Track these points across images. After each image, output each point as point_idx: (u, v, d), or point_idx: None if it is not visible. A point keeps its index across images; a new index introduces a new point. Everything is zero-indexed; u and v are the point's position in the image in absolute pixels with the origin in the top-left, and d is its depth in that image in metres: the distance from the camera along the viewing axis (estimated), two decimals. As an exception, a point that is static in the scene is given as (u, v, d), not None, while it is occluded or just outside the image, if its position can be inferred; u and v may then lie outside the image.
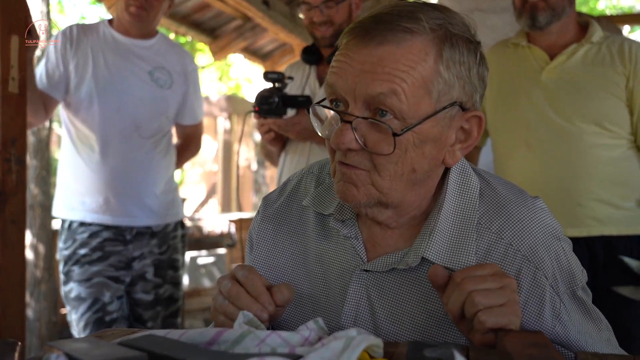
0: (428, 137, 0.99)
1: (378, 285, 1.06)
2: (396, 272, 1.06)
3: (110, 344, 0.83)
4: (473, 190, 1.07)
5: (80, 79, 2.54)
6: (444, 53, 0.98)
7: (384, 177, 1.00)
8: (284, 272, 1.16)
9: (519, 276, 1.01)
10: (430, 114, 0.97)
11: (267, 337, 0.84)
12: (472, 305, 0.89)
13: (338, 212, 1.11)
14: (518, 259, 1.02)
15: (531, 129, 2.21)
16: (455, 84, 0.99)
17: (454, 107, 1.00)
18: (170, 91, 2.69)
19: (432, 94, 0.97)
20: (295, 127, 2.34)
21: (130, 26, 2.62)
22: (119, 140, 2.56)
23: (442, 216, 1.04)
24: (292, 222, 1.19)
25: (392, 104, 0.95)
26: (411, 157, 0.99)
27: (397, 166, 0.99)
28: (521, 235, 1.03)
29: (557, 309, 1.03)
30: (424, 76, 0.96)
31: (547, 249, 1.03)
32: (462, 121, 1.02)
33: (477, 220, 1.05)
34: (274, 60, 7.38)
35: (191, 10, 5.60)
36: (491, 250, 1.03)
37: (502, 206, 1.06)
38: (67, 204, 2.61)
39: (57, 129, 8.32)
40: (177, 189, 2.83)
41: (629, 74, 2.14)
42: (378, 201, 1.02)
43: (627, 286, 2.08)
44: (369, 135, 0.98)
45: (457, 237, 1.04)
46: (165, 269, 2.71)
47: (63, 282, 2.59)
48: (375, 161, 0.99)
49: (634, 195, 2.15)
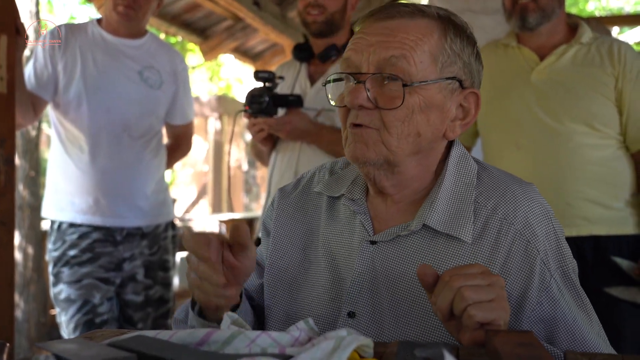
0: (432, 102, 1.09)
1: (382, 255, 1.13)
2: (399, 241, 1.12)
3: (99, 345, 0.82)
4: (471, 172, 1.16)
5: (69, 79, 2.52)
6: (447, 35, 1.10)
7: (393, 134, 1.08)
8: (298, 256, 1.23)
9: (511, 249, 1.08)
10: (435, 79, 1.08)
11: (257, 337, 0.84)
12: (461, 300, 0.90)
13: (348, 192, 1.20)
14: (511, 233, 1.09)
15: (521, 129, 2.22)
16: (457, 61, 1.11)
17: (455, 81, 1.11)
18: (160, 91, 2.68)
19: (437, 64, 1.09)
20: (286, 127, 2.34)
21: (119, 26, 2.60)
22: (108, 141, 2.54)
23: (442, 191, 1.12)
24: (306, 210, 1.26)
25: (402, 67, 1.06)
26: (417, 121, 1.08)
27: (405, 125, 1.08)
28: (515, 212, 1.10)
29: (547, 282, 1.08)
30: (430, 47, 1.08)
31: (540, 226, 1.10)
32: (461, 98, 1.13)
33: (475, 198, 1.12)
34: (264, 60, 7.37)
35: (181, 10, 5.59)
36: (487, 225, 1.10)
37: (497, 186, 1.14)
38: (57, 205, 2.60)
39: (46, 129, 8.28)
40: (167, 189, 2.82)
41: (618, 75, 2.15)
42: (386, 159, 1.10)
43: (617, 286, 2.10)
44: (380, 94, 1.08)
45: (455, 209, 1.11)
46: (156, 270, 2.70)
47: (52, 284, 2.58)
48: (385, 119, 1.08)
49: (623, 195, 2.17)
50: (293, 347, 0.85)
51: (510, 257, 1.07)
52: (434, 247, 1.10)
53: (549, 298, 1.07)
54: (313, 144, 2.39)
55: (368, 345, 0.83)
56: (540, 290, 1.07)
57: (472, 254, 1.09)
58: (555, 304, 1.07)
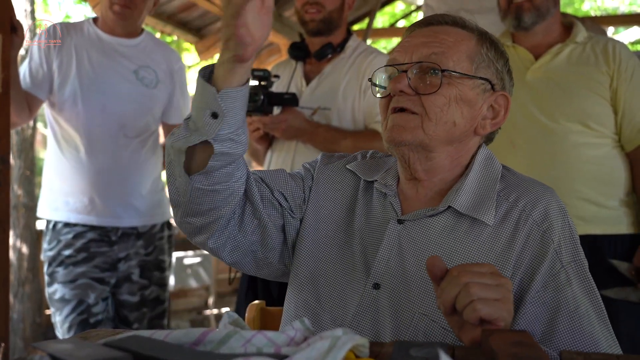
0: (466, 97, 1.19)
1: (409, 234, 1.20)
2: (425, 221, 1.20)
3: (94, 345, 0.82)
4: (496, 170, 1.25)
5: (64, 78, 2.52)
6: (484, 44, 1.22)
7: (432, 119, 1.17)
8: (333, 224, 1.29)
9: (529, 237, 1.14)
10: (471, 76, 1.19)
11: (252, 337, 0.84)
12: (466, 295, 0.91)
13: (382, 179, 1.28)
14: (529, 223, 1.16)
15: (516, 128, 2.22)
16: (490, 66, 1.22)
17: (487, 83, 1.21)
18: (156, 90, 2.67)
19: (473, 63, 1.19)
20: (281, 125, 2.34)
21: (115, 25, 2.59)
22: (104, 140, 2.54)
23: (468, 181, 1.21)
24: (344, 185, 1.33)
25: (441, 62, 1.17)
26: (453, 111, 1.18)
27: (443, 112, 1.17)
28: (534, 205, 1.18)
29: (556, 270, 1.13)
30: (467, 49, 1.20)
31: (557, 220, 1.17)
32: (492, 99, 1.23)
33: (497, 192, 1.20)
34: (260, 59, 7.36)
35: (177, 9, 5.57)
36: (508, 214, 1.17)
37: (520, 184, 1.23)
38: (52, 205, 2.59)
39: (41, 128, 8.25)
40: (163, 189, 2.81)
41: (613, 74, 2.16)
42: (421, 143, 1.18)
43: (612, 288, 2.10)
44: (420, 83, 1.17)
45: (480, 196, 1.19)
46: (152, 270, 2.69)
47: (47, 284, 2.57)
48: (425, 104, 1.17)
49: (618, 194, 2.17)
50: (289, 346, 0.85)
51: (527, 245, 1.14)
52: (458, 228, 1.17)
53: (555, 284, 1.12)
54: (308, 143, 2.39)
55: (364, 345, 0.83)
56: (548, 275, 1.12)
57: (493, 236, 1.15)
58: (560, 291, 1.11)
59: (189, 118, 1.13)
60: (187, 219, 1.21)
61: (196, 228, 1.22)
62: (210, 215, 1.19)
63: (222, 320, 0.95)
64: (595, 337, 1.10)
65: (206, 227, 1.22)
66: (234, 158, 1.14)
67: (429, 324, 1.12)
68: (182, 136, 1.12)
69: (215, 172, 1.14)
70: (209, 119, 1.08)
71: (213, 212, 1.19)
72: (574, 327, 1.10)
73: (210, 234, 1.22)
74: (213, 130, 1.08)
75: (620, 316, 2.09)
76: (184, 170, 1.14)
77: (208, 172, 1.13)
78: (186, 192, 1.16)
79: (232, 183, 1.17)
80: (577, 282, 1.13)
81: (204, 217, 1.20)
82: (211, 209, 1.18)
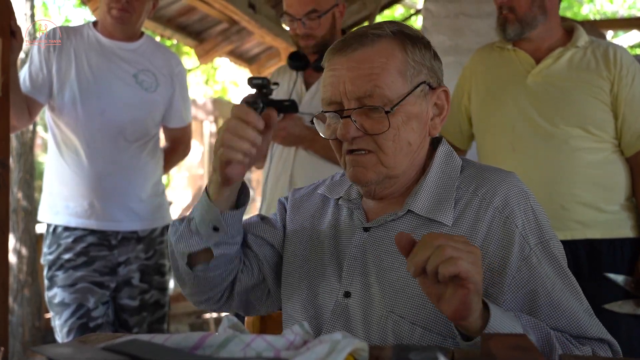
0: (412, 114, 1.20)
1: (373, 240, 1.24)
2: (387, 226, 1.24)
3: (93, 349, 0.82)
4: (456, 167, 1.27)
5: (63, 81, 2.52)
6: (407, 49, 1.20)
7: (388, 153, 1.19)
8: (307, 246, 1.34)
9: (491, 225, 1.17)
10: (409, 92, 1.19)
11: (252, 340, 0.84)
12: (440, 255, 0.93)
13: (346, 194, 1.34)
14: (490, 211, 1.18)
15: (516, 132, 2.22)
16: (422, 70, 1.22)
17: (424, 85, 1.22)
18: (156, 94, 2.67)
19: (406, 78, 1.19)
20: (281, 133, 2.34)
21: (114, 29, 2.60)
22: (103, 144, 2.53)
23: (426, 182, 1.24)
24: (314, 208, 1.39)
25: (379, 94, 1.17)
26: (405, 133, 1.20)
27: (396, 142, 1.19)
28: (494, 192, 1.20)
29: (526, 253, 1.15)
30: (396, 66, 1.19)
31: (518, 204, 1.18)
32: (434, 97, 1.24)
33: (457, 185, 1.23)
34: (260, 63, 7.38)
35: (177, 13, 5.59)
36: (467, 206, 1.20)
37: (479, 174, 1.25)
38: (52, 209, 2.59)
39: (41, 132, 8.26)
40: (164, 193, 2.81)
41: (614, 79, 2.16)
42: (386, 176, 1.22)
43: (615, 302, 2.10)
44: (366, 122, 1.18)
45: (438, 196, 1.22)
46: (152, 275, 2.69)
47: (47, 287, 2.57)
48: (378, 142, 1.19)
49: (617, 198, 2.17)
50: (288, 350, 0.85)
51: (490, 233, 1.16)
52: (418, 230, 1.20)
53: (528, 266, 1.14)
54: (308, 149, 2.39)
55: (363, 349, 0.83)
56: (519, 259, 1.14)
57: (454, 232, 1.17)
58: (534, 271, 1.14)
59: (191, 219, 1.26)
60: (194, 297, 1.36)
61: (205, 300, 1.36)
62: (215, 290, 1.33)
63: (222, 324, 0.95)
64: (576, 315, 1.13)
65: (212, 298, 1.36)
66: (231, 254, 1.29)
67: (396, 321, 1.15)
68: (184, 238, 1.26)
69: (215, 262, 1.27)
70: (211, 231, 1.23)
71: (217, 287, 1.33)
72: (554, 306, 1.13)
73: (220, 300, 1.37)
74: (213, 239, 1.24)
75: (620, 321, 2.09)
76: (186, 265, 1.28)
77: (208, 264, 1.27)
78: (189, 279, 1.30)
79: (230, 264, 1.31)
80: (547, 262, 1.15)
81: (209, 292, 1.34)
82: (214, 286, 1.32)
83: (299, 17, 2.37)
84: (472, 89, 2.40)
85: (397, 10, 11.41)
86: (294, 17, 2.38)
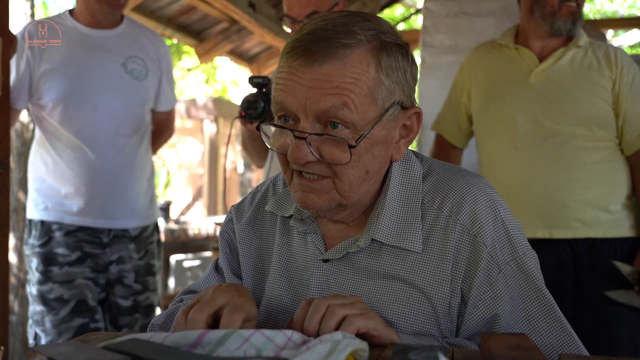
0: (377, 140, 1.06)
1: (336, 273, 1.13)
2: (350, 257, 1.12)
3: (94, 348, 0.82)
4: (416, 175, 1.15)
5: (51, 81, 2.45)
6: (382, 62, 1.04)
7: (345, 182, 1.06)
8: (257, 274, 1.24)
9: (460, 246, 1.07)
10: (378, 119, 1.04)
11: (251, 336, 0.84)
12: (332, 316, 0.94)
13: (297, 212, 1.19)
14: (458, 229, 1.07)
15: (518, 131, 2.22)
16: (395, 88, 1.06)
17: (396, 107, 1.06)
18: (147, 81, 2.61)
19: (377, 101, 1.03)
20: None
21: (103, 16, 2.53)
22: (97, 140, 2.49)
23: (387, 201, 1.11)
24: (262, 228, 1.26)
25: (344, 115, 1.01)
26: (364, 161, 1.06)
27: (354, 170, 1.06)
28: (460, 206, 1.09)
29: (493, 278, 1.05)
30: (368, 86, 1.02)
31: (486, 217, 1.08)
32: (404, 119, 1.10)
33: (421, 201, 1.11)
34: (260, 63, 7.38)
35: (177, 12, 5.59)
36: (434, 225, 1.09)
37: (442, 184, 1.13)
38: (43, 204, 2.52)
39: (41, 131, 8.25)
40: (154, 188, 2.77)
41: (615, 78, 2.17)
42: (338, 204, 1.09)
43: (617, 290, 2.10)
44: (324, 148, 1.03)
45: (403, 218, 1.11)
46: (145, 275, 2.65)
47: (39, 282, 2.49)
48: (335, 169, 1.05)
49: (619, 197, 2.17)
50: (286, 346, 0.85)
51: (460, 255, 1.06)
52: (383, 261, 1.10)
53: (492, 292, 1.04)
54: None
55: (364, 349, 0.83)
56: (484, 284, 1.05)
57: (422, 261, 1.08)
58: (497, 299, 1.04)
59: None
60: None
61: None
62: None
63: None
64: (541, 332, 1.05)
65: None
66: None
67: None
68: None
69: None
70: None
71: None
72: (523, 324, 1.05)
73: None
74: None
75: (621, 319, 2.09)
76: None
77: None
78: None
79: None
80: (521, 280, 1.06)
81: None
82: None
83: (300, 19, 2.36)
84: (472, 87, 2.40)
85: (397, 9, 11.40)
86: (295, 19, 2.38)
